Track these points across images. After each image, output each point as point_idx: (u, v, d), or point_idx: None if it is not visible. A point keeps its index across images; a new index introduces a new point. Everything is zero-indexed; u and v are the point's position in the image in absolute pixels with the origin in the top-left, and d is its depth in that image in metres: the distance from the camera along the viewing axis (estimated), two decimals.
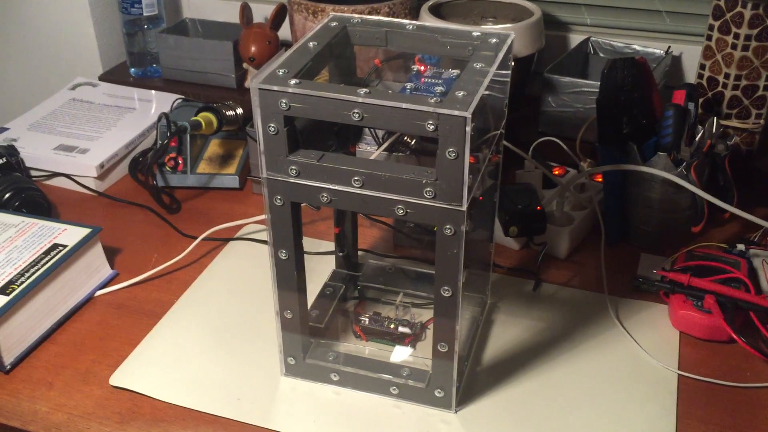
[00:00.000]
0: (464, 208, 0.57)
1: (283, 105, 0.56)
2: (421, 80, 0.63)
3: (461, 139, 0.53)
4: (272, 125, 0.58)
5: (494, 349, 0.75)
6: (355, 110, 0.55)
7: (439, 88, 0.62)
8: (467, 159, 0.54)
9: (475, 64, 0.59)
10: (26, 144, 1.03)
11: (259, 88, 0.56)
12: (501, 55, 0.61)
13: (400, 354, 0.73)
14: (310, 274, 0.68)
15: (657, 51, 1.11)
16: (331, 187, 0.59)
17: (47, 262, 0.77)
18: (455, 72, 0.64)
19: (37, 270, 0.76)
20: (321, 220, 0.94)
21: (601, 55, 1.16)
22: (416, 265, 0.85)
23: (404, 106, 0.54)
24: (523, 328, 0.78)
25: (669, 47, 1.11)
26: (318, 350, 0.71)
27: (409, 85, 0.62)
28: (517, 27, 1.02)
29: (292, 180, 0.60)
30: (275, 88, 0.56)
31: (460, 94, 0.54)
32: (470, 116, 0.52)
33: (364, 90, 0.55)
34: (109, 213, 0.97)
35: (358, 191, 0.59)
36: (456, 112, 0.53)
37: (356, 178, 0.58)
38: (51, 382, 0.71)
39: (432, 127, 0.54)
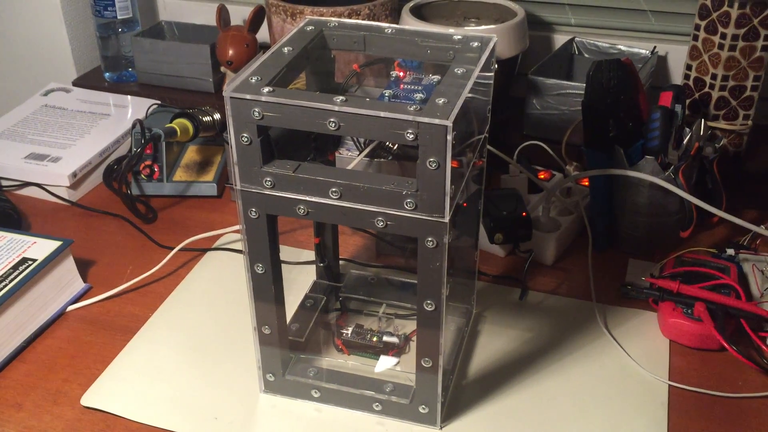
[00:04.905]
0: (446, 219, 0.54)
1: (256, 114, 0.54)
2: (401, 86, 0.61)
3: (442, 149, 0.51)
4: (245, 135, 0.55)
5: (480, 361, 0.73)
6: (332, 119, 0.53)
7: (419, 95, 0.59)
8: (449, 169, 0.52)
9: (456, 69, 0.57)
10: None
11: (231, 97, 0.54)
12: (483, 60, 0.59)
13: (385, 364, 0.71)
14: (289, 285, 0.66)
15: (642, 51, 1.09)
16: (307, 199, 0.57)
17: (16, 277, 0.74)
18: (436, 78, 0.62)
19: (5, 286, 0.73)
20: (301, 228, 0.91)
21: (586, 55, 1.14)
22: (400, 275, 0.82)
23: (382, 114, 0.51)
24: (510, 338, 0.76)
25: (654, 47, 1.09)
26: (298, 366, 0.69)
27: (387, 92, 0.60)
28: (500, 28, 1.00)
29: (267, 192, 0.57)
30: (247, 96, 0.53)
31: (441, 101, 0.52)
32: (451, 125, 0.50)
33: (341, 98, 0.53)
34: (83, 223, 0.94)
35: (336, 203, 0.56)
36: (436, 121, 0.50)
37: (334, 189, 0.56)
38: (20, 404, 0.68)
39: (412, 136, 0.51)
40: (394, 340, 0.73)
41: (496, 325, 0.77)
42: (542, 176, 0.95)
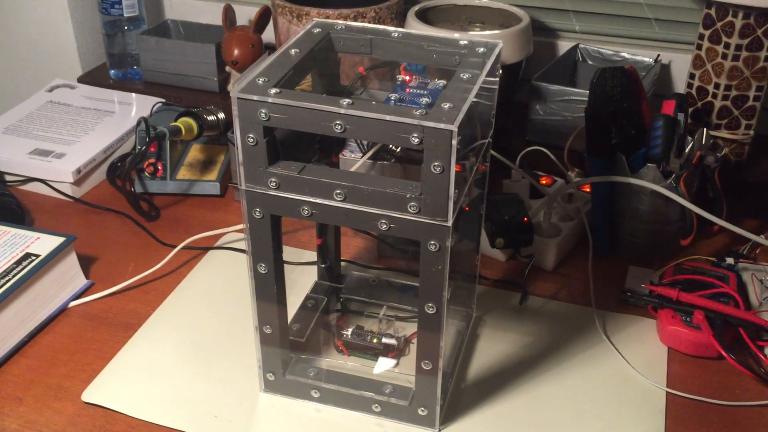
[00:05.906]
0: (449, 223, 0.55)
1: (263, 115, 0.54)
2: (406, 90, 0.61)
3: (447, 153, 0.52)
4: (251, 136, 0.56)
5: (479, 364, 0.73)
6: (338, 122, 0.53)
7: (424, 99, 0.60)
8: (453, 173, 0.52)
9: (462, 74, 0.58)
10: (0, 148, 1.00)
11: (238, 98, 0.54)
12: (489, 65, 0.59)
13: (384, 365, 0.71)
14: (291, 285, 0.66)
15: (646, 59, 1.09)
16: (312, 200, 0.57)
17: (19, 272, 0.75)
18: (441, 82, 0.62)
19: (8, 281, 0.73)
20: (303, 229, 0.92)
21: (590, 62, 1.14)
22: (401, 277, 0.83)
23: (388, 118, 0.52)
24: (509, 342, 0.76)
25: (658, 55, 1.09)
26: (298, 366, 0.69)
27: (393, 96, 0.60)
28: (505, 33, 1.00)
29: (271, 192, 0.58)
30: (254, 97, 0.54)
31: (446, 106, 0.53)
32: (456, 130, 0.50)
33: (347, 101, 0.53)
34: (86, 220, 0.94)
35: (339, 205, 0.57)
36: (442, 125, 0.51)
37: (338, 191, 0.56)
38: (21, 398, 0.69)
39: (417, 140, 0.52)
40: (394, 342, 0.73)
41: (496, 329, 0.78)
42: (544, 182, 0.95)
